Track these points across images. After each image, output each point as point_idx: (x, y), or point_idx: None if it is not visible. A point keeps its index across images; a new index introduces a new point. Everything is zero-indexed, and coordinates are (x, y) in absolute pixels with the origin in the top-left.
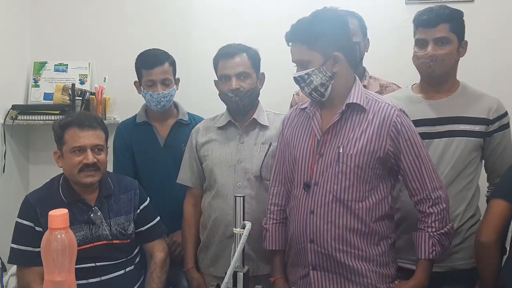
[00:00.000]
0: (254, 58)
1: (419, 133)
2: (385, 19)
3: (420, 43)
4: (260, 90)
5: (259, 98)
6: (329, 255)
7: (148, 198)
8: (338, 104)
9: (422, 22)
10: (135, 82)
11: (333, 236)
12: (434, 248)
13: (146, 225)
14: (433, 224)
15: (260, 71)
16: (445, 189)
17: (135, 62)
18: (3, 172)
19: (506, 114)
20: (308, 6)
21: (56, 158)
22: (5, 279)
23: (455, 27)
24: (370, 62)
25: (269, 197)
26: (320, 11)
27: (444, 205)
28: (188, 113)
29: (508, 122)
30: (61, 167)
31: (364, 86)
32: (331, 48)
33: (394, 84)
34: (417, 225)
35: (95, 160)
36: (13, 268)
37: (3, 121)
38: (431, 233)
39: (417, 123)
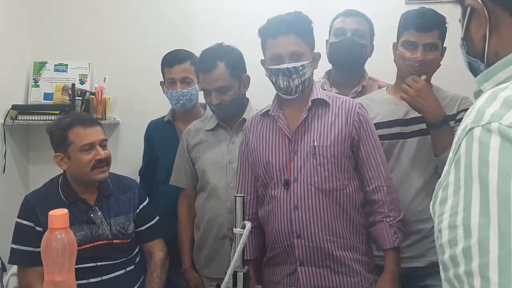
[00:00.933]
0: (234, 65)
1: (396, 133)
2: (385, 19)
3: (407, 45)
4: (252, 89)
5: (250, 98)
6: (317, 248)
7: (148, 198)
8: (301, 102)
9: (416, 26)
10: (160, 83)
11: (320, 227)
12: (396, 235)
13: (145, 224)
14: (390, 214)
15: (245, 74)
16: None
17: (160, 63)
18: (3, 172)
19: None
20: (308, 6)
21: (58, 161)
22: (5, 279)
23: (442, 34)
24: (370, 62)
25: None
26: (295, 12)
27: (395, 195)
28: None
29: None
30: (65, 169)
31: (363, 87)
32: (313, 45)
33: (392, 85)
34: (375, 218)
35: (107, 154)
36: (13, 268)
37: (3, 121)
38: (391, 222)
39: (392, 123)
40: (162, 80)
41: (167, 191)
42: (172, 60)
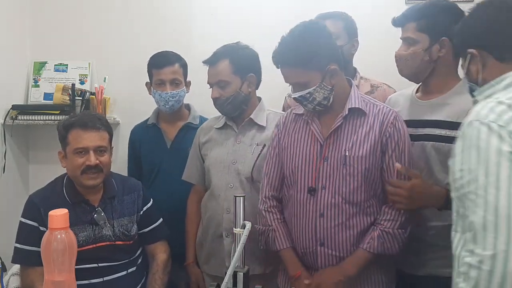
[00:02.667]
0: (239, 63)
1: None
2: (385, 19)
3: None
4: (254, 90)
5: (262, 97)
6: (341, 258)
7: (152, 200)
8: (337, 108)
9: (393, 22)
10: (146, 83)
11: (345, 237)
12: (371, 240)
13: (149, 226)
14: (382, 222)
15: (249, 74)
16: None
17: (147, 64)
18: (3, 172)
19: None
20: (308, 6)
21: (60, 158)
22: (5, 279)
23: (424, 26)
24: (370, 61)
25: (265, 201)
26: (299, 29)
27: (402, 212)
28: (201, 117)
29: None
30: (65, 167)
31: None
32: (325, 62)
33: (385, 84)
34: None
35: (98, 162)
36: (13, 268)
37: (3, 121)
38: (375, 227)
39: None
40: (148, 81)
41: (152, 195)
42: (162, 61)
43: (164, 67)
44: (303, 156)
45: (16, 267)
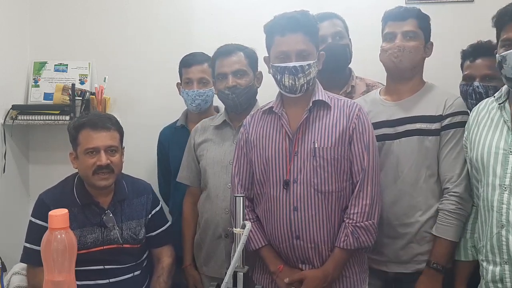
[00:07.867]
0: (251, 57)
1: (381, 134)
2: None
3: (388, 37)
4: (258, 89)
5: (258, 98)
6: (316, 249)
7: (160, 203)
8: (304, 102)
9: (392, 16)
10: (177, 84)
11: (320, 228)
12: (347, 237)
13: (156, 230)
14: (351, 216)
15: (258, 70)
16: (377, 190)
17: (179, 64)
18: (3, 172)
19: (462, 113)
20: (308, 6)
21: (71, 159)
22: (6, 278)
23: (422, 25)
24: (369, 61)
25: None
26: (302, 11)
27: (368, 202)
28: None
29: (463, 122)
30: (76, 169)
31: (352, 87)
32: (318, 45)
33: (380, 83)
34: None
35: (109, 161)
36: (15, 267)
37: (3, 121)
38: (347, 224)
39: (379, 125)
40: (179, 81)
41: (181, 196)
42: (190, 60)
43: (192, 65)
44: (274, 151)
45: (18, 266)
